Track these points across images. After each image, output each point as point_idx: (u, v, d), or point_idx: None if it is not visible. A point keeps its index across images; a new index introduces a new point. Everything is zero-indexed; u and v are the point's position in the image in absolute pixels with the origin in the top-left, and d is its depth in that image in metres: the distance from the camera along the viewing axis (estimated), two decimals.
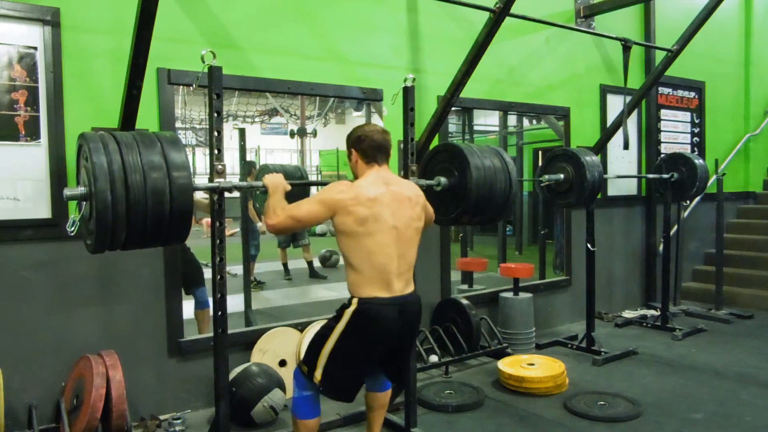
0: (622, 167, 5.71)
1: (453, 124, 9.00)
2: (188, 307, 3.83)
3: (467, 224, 3.93)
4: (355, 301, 2.33)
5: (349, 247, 2.33)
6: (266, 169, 6.37)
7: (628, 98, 4.84)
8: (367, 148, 2.41)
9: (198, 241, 5.13)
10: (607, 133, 5.20)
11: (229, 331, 2.66)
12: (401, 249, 2.36)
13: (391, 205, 2.35)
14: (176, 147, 2.21)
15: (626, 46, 4.62)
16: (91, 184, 2.06)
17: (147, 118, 3.15)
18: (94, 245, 2.17)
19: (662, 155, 5.75)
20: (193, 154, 10.73)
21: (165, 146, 2.19)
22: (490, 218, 3.20)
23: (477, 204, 2.97)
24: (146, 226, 2.13)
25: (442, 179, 3.05)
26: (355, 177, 2.49)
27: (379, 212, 2.30)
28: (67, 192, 2.17)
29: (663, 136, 6.14)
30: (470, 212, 3.00)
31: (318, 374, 2.35)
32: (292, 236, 7.13)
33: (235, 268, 6.25)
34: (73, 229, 2.22)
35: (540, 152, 8.56)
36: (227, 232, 2.67)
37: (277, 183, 2.44)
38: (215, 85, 2.47)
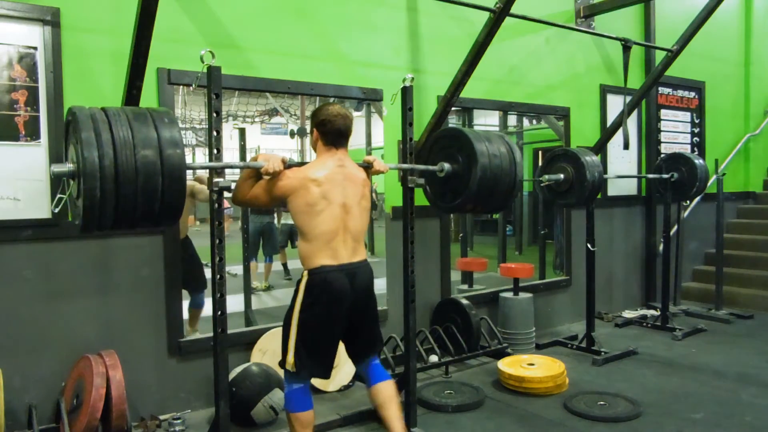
0: (622, 167, 5.71)
1: (453, 124, 9.00)
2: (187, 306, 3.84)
3: (470, 212, 3.87)
4: (305, 273, 2.49)
5: (302, 221, 2.47)
6: None
7: (628, 98, 4.84)
8: (328, 132, 2.53)
9: (198, 241, 5.13)
10: (607, 133, 5.20)
11: (229, 331, 2.65)
12: (347, 222, 2.51)
13: (342, 183, 2.51)
14: (169, 123, 2.12)
15: (626, 46, 4.63)
16: (79, 160, 1.98)
17: None
18: (83, 224, 2.08)
19: (662, 155, 5.75)
20: (193, 154, 10.73)
21: (157, 122, 2.10)
22: (494, 207, 3.12)
23: (480, 191, 2.88)
24: (137, 204, 2.05)
25: (446, 165, 2.97)
26: (314, 151, 2.63)
27: (327, 190, 2.45)
28: (54, 169, 2.09)
29: (663, 136, 6.14)
30: (473, 200, 2.92)
31: (290, 358, 2.46)
32: (289, 236, 7.15)
33: (235, 268, 6.25)
34: (57, 208, 2.16)
35: (540, 152, 8.56)
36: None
37: (271, 155, 2.50)
38: (214, 85, 2.47)
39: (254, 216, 6.38)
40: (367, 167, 2.73)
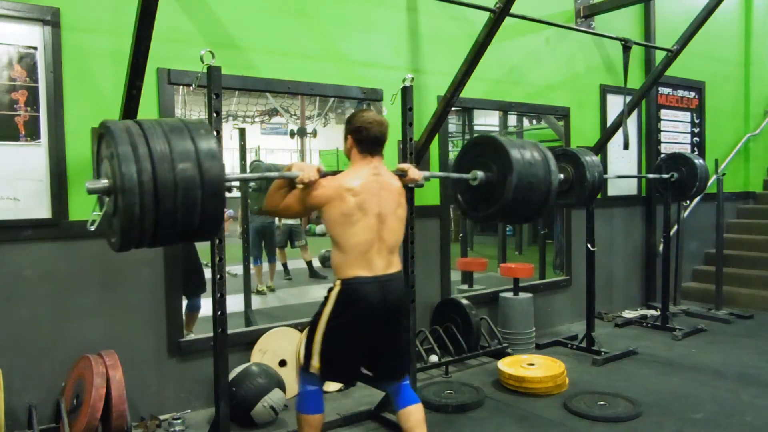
0: (622, 167, 5.71)
1: (453, 124, 8.98)
2: None
3: (502, 222, 3.81)
4: (338, 282, 2.41)
5: (337, 232, 2.40)
6: (258, 167, 6.36)
7: (628, 98, 4.84)
8: (363, 139, 2.46)
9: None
10: (607, 133, 5.20)
11: (229, 331, 2.66)
12: (382, 233, 2.42)
13: (378, 193, 2.43)
14: (206, 134, 2.04)
15: (626, 46, 4.62)
16: (116, 176, 1.89)
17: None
18: (120, 243, 1.99)
19: (662, 155, 5.75)
20: None
21: (194, 133, 2.02)
22: (528, 216, 3.03)
23: (516, 199, 2.81)
24: (176, 220, 1.96)
25: (479, 173, 2.91)
26: (348, 159, 2.55)
27: (363, 200, 2.38)
28: (89, 185, 1.98)
29: (663, 136, 6.14)
30: (508, 208, 2.85)
31: (315, 361, 2.40)
32: (288, 236, 7.14)
33: (235, 268, 6.25)
34: (93, 226, 2.03)
35: None
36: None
37: (305, 164, 2.43)
38: (214, 85, 2.48)
39: (255, 216, 6.37)
40: (402, 175, 2.67)
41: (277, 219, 6.76)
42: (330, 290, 2.44)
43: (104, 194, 2.00)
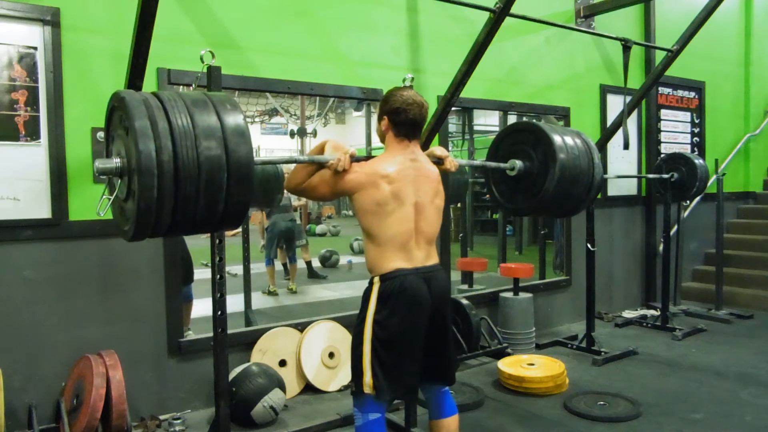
0: (622, 167, 5.72)
1: (453, 124, 9.01)
2: None
3: (542, 215, 3.65)
4: (376, 279, 2.17)
5: (370, 222, 2.18)
6: None
7: (628, 98, 4.84)
8: (401, 122, 2.22)
9: (198, 241, 5.12)
10: (607, 133, 5.19)
11: (229, 331, 2.66)
12: (420, 224, 2.21)
13: (416, 181, 2.22)
14: (232, 109, 1.82)
15: (626, 46, 4.62)
16: (131, 154, 1.68)
17: None
18: (134, 231, 1.77)
19: (662, 155, 5.76)
20: None
21: (219, 108, 1.80)
22: (568, 210, 2.84)
23: (558, 192, 2.62)
24: (198, 206, 1.75)
25: (518, 162, 2.73)
26: (382, 142, 2.36)
27: (399, 188, 2.16)
28: (98, 164, 1.78)
29: (663, 136, 6.14)
30: (548, 203, 2.67)
31: (367, 379, 2.11)
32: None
33: (235, 268, 6.25)
34: (103, 211, 1.88)
35: None
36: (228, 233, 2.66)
37: (339, 145, 2.24)
38: (214, 85, 2.48)
39: (279, 215, 6.37)
40: (437, 163, 2.44)
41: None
42: (367, 291, 2.19)
43: (116, 176, 1.80)
